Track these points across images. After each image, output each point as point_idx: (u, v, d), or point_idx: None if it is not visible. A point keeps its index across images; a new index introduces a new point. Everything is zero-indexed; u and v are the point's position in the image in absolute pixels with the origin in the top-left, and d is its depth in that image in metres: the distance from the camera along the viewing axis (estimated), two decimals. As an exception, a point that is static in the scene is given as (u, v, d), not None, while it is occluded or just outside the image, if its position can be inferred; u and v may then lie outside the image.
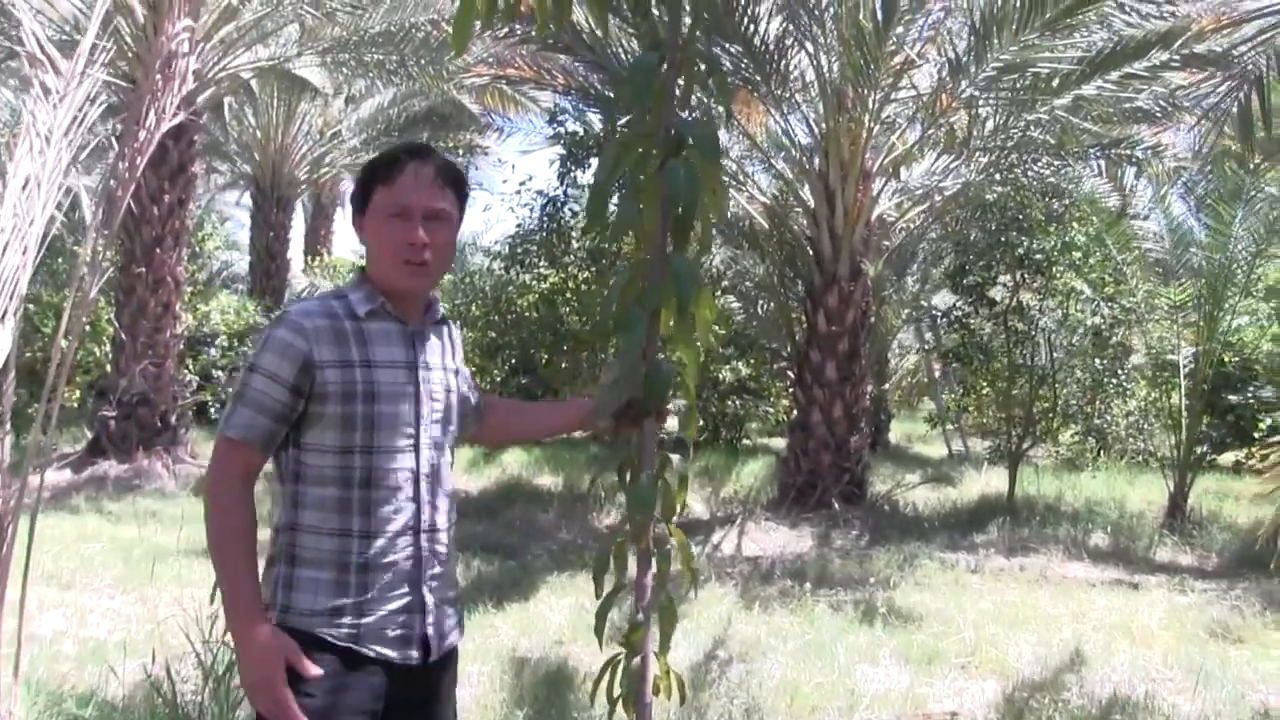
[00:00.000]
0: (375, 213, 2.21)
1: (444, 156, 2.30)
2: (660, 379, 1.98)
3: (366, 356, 2.16)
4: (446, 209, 2.22)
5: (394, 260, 2.18)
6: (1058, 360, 11.24)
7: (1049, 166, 11.16)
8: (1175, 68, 10.48)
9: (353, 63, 13.71)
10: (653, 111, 1.90)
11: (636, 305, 1.94)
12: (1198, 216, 11.04)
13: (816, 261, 10.77)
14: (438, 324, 2.36)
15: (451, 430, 2.33)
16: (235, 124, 19.48)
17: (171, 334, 12.39)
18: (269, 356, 2.11)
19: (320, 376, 2.11)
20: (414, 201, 2.17)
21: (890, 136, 10.99)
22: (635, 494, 2.05)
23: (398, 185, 2.18)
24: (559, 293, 11.63)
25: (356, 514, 2.14)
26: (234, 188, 24.43)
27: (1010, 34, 9.56)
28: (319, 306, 2.20)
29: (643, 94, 1.88)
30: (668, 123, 1.88)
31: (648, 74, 1.89)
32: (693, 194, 1.84)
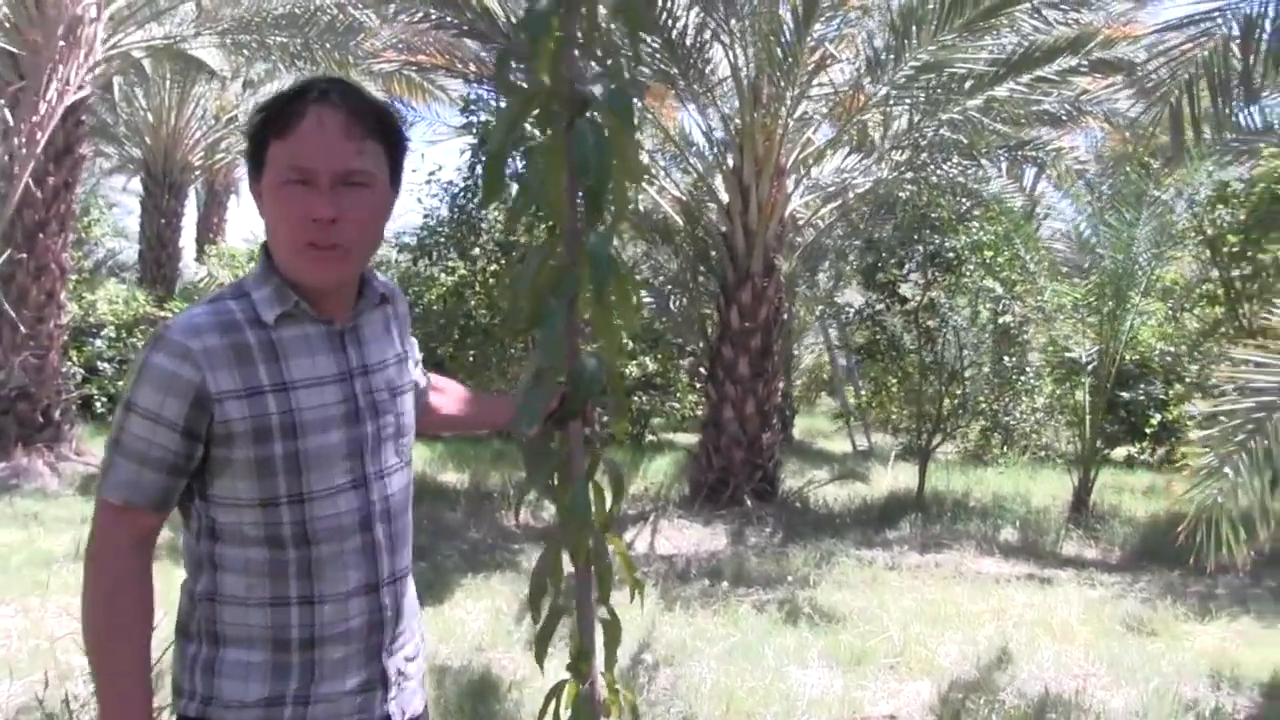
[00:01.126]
0: (272, 175, 1.65)
1: (364, 94, 1.74)
2: (587, 376, 1.66)
3: (282, 377, 1.66)
4: (366, 168, 1.66)
5: (293, 242, 1.65)
6: (967, 357, 11.37)
7: (958, 166, 11.28)
8: (1083, 72, 10.74)
9: (254, 45, 13.24)
10: (551, 64, 1.55)
11: (551, 295, 1.62)
12: (1102, 219, 11.26)
13: (730, 257, 10.71)
14: (376, 306, 1.84)
15: (407, 443, 1.85)
16: (125, 105, 18.75)
17: (55, 324, 11.78)
18: (146, 392, 1.60)
19: (221, 412, 1.61)
20: (318, 162, 1.62)
21: (805, 133, 10.99)
22: (568, 506, 1.72)
23: (296, 138, 1.62)
24: (467, 285, 11.39)
25: (294, 577, 1.67)
26: (122, 172, 23.60)
27: (929, 33, 9.66)
28: (210, 316, 1.65)
29: (539, 45, 1.53)
30: (571, 76, 1.55)
31: (543, 20, 1.53)
32: (604, 159, 1.52)
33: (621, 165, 1.56)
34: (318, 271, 1.67)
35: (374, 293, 1.82)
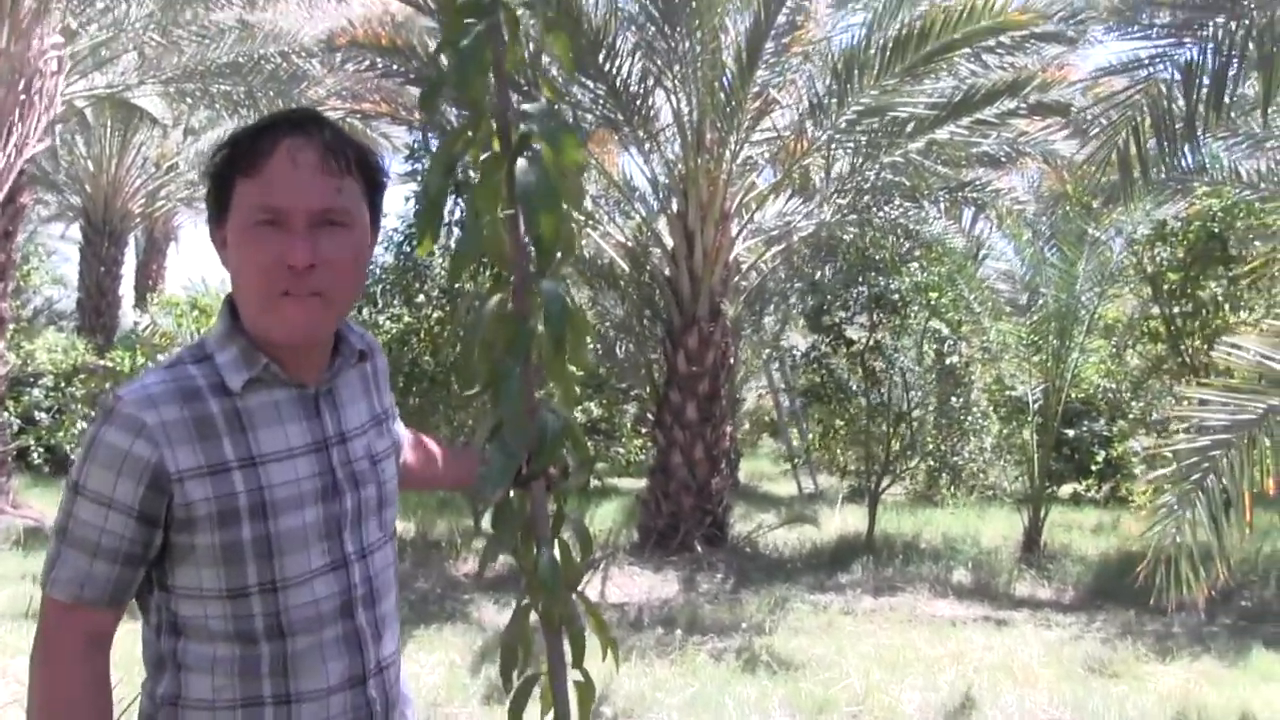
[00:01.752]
0: (238, 219, 1.47)
1: (337, 127, 1.56)
2: (550, 436, 1.52)
3: (249, 451, 1.48)
4: (345, 207, 1.49)
5: (265, 291, 1.46)
6: (913, 399, 11.42)
7: (900, 208, 11.39)
8: (1021, 115, 10.93)
9: (197, 93, 13.19)
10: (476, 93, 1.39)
11: (506, 352, 1.47)
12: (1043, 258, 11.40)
13: (676, 302, 10.72)
14: (354, 364, 1.65)
15: (391, 514, 1.67)
16: (65, 153, 18.53)
17: (-7, 373, 11.58)
18: (96, 472, 1.42)
19: (181, 494, 1.43)
20: (292, 201, 1.45)
21: (749, 177, 11.06)
22: (537, 574, 1.59)
23: (266, 176, 1.45)
24: (413, 333, 11.28)
25: (267, 675, 1.49)
26: (60, 220, 23.31)
27: (871, 78, 9.77)
28: (168, 383, 1.47)
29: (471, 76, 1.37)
30: (506, 107, 1.42)
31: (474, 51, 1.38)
32: (549, 197, 1.37)
33: (567, 198, 1.43)
34: (294, 325, 1.48)
35: (351, 349, 1.63)
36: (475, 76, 1.37)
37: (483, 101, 1.39)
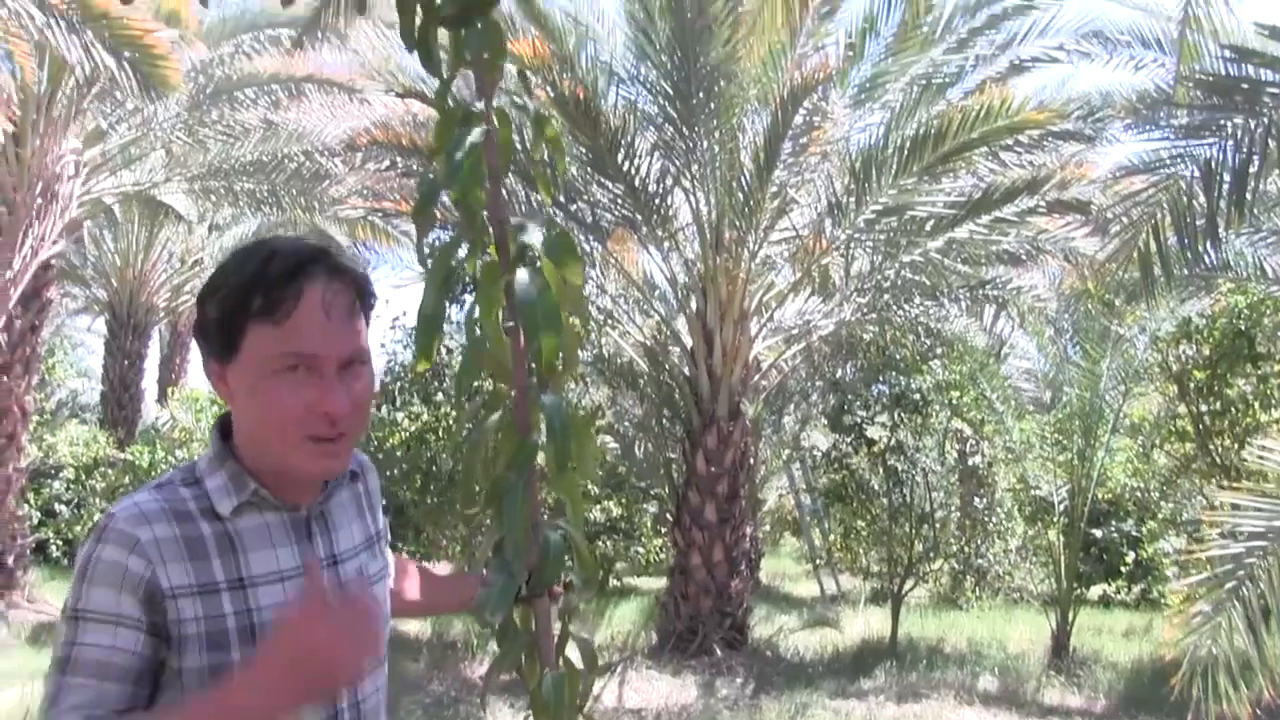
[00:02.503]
0: (255, 362, 1.44)
1: (352, 264, 1.54)
2: (553, 554, 1.47)
3: (239, 573, 1.45)
4: (366, 347, 1.50)
5: (290, 435, 1.44)
6: (936, 500, 11.25)
7: (921, 306, 11.33)
8: (1041, 213, 10.90)
9: (222, 191, 13.38)
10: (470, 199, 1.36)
11: (508, 469, 1.41)
12: (1066, 356, 11.30)
13: (695, 402, 10.64)
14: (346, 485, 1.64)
15: (384, 639, 1.60)
16: (94, 248, 18.79)
17: (14, 468, 11.61)
18: (99, 593, 1.37)
19: (174, 610, 1.39)
20: (326, 348, 1.44)
21: (768, 276, 11.05)
22: (539, 698, 1.50)
23: (295, 323, 1.42)
24: (430, 430, 11.26)
25: None
26: (87, 313, 23.55)
27: (889, 178, 9.80)
28: (159, 502, 1.44)
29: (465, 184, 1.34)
30: (502, 217, 1.38)
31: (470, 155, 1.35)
32: (549, 312, 1.34)
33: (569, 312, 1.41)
34: (324, 465, 1.47)
35: (344, 472, 1.60)
36: (471, 186, 1.33)
37: (479, 211, 1.36)
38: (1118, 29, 10.94)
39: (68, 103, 11.46)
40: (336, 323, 1.45)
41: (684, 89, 9.49)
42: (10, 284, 10.17)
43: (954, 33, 10.50)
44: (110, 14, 9.00)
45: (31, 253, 10.28)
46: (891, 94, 10.44)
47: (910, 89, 10.40)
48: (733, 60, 9.39)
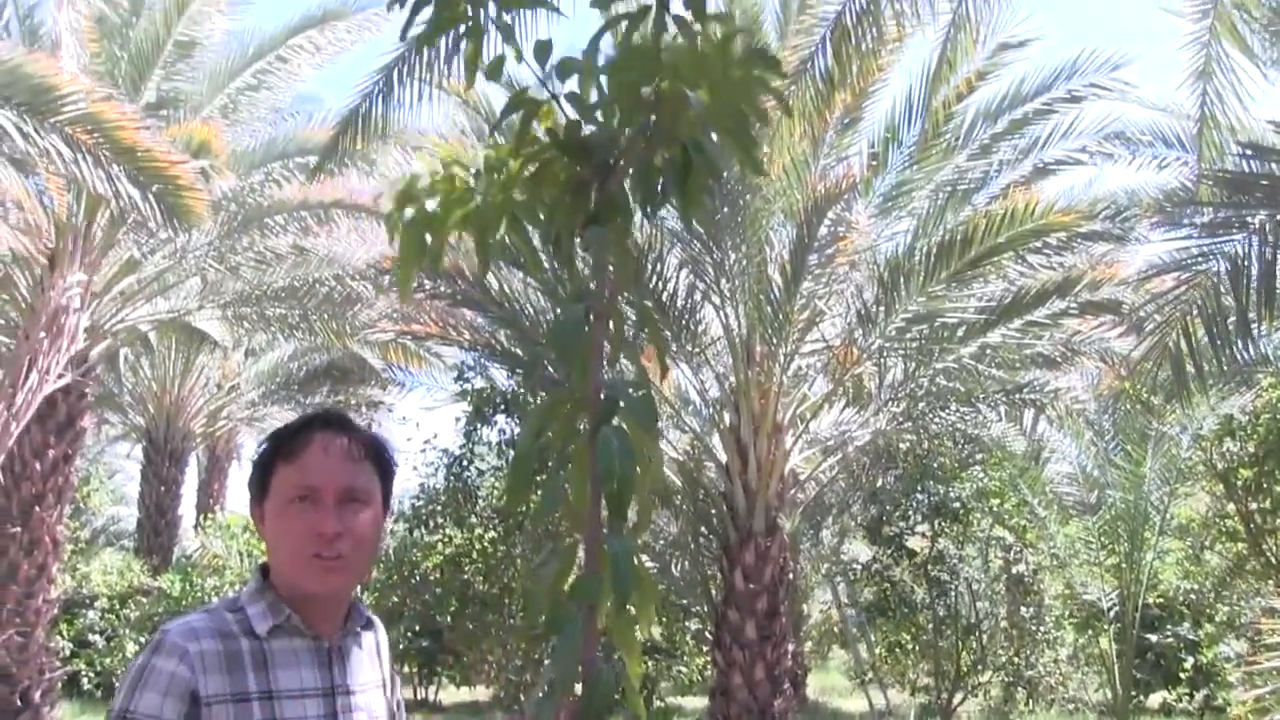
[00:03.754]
0: (277, 497, 1.78)
1: (361, 426, 1.93)
2: (602, 688, 1.54)
3: (269, 686, 1.71)
4: (365, 487, 1.82)
5: (300, 555, 1.76)
6: (982, 610, 10.97)
7: (957, 413, 11.19)
8: (1073, 314, 10.80)
9: (255, 316, 13.52)
10: (580, 372, 1.57)
11: (570, 599, 1.54)
12: (1108, 458, 11.10)
13: (731, 517, 10.48)
14: (361, 630, 1.92)
15: None
16: (130, 375, 18.99)
17: (45, 599, 11.49)
18: (148, 697, 1.62)
19: (207, 716, 1.64)
20: (324, 480, 1.77)
21: (801, 388, 10.95)
22: None
23: (303, 461, 1.78)
24: (464, 554, 11.16)
25: None
26: (125, 440, 23.72)
27: (917, 285, 9.76)
28: (208, 622, 1.74)
29: (569, 353, 1.55)
30: (597, 384, 1.55)
31: (574, 330, 1.55)
32: (628, 466, 1.48)
33: (645, 472, 1.52)
34: (322, 580, 1.76)
35: (360, 615, 1.91)
36: (573, 355, 1.51)
37: (581, 378, 1.52)
38: (1139, 129, 10.99)
39: (103, 234, 11.67)
40: (335, 461, 1.79)
41: (709, 204, 9.53)
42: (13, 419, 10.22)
43: (976, 139, 10.56)
44: (137, 147, 9.17)
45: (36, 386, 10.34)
46: (917, 201, 10.46)
47: (936, 196, 10.43)
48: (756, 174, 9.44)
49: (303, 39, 12.73)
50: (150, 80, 12.02)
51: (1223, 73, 8.46)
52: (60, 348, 10.60)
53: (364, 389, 18.39)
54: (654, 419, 1.55)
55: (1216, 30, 8.27)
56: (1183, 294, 7.96)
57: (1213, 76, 8.53)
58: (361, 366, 16.77)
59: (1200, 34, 8.50)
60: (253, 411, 18.90)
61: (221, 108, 12.78)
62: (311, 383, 17.66)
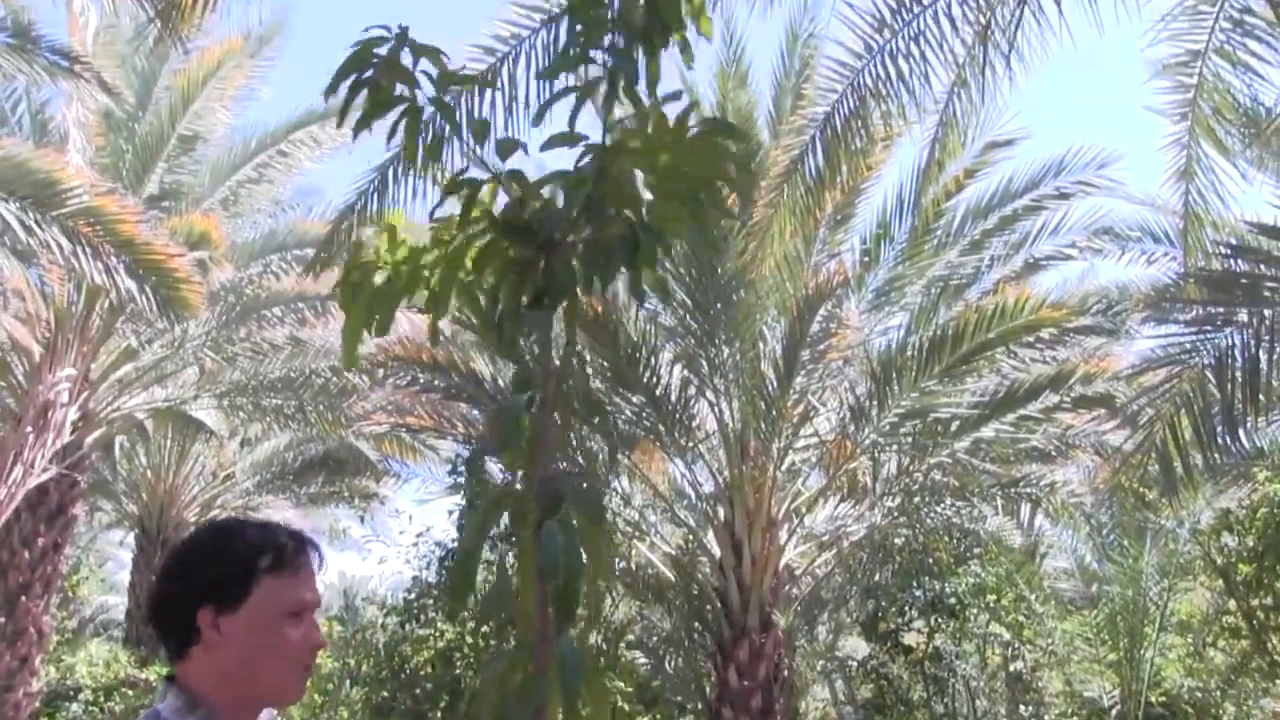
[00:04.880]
0: (264, 610, 1.74)
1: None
2: None
3: None
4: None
5: (296, 668, 1.77)
6: (980, 708, 10.82)
7: (952, 508, 11.15)
8: (1066, 409, 10.82)
9: (251, 406, 13.55)
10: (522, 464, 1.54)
11: (517, 701, 1.49)
12: (1105, 553, 11.02)
13: (725, 613, 10.41)
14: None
15: None
16: (125, 463, 18.91)
17: (25, 692, 11.34)
18: None
19: None
20: (313, 598, 1.82)
21: (795, 483, 10.94)
22: None
23: (300, 579, 1.79)
24: (456, 649, 11.01)
25: None
26: (118, 527, 23.56)
27: (910, 380, 9.81)
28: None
29: (510, 444, 1.53)
30: (542, 477, 1.54)
31: (514, 419, 1.53)
32: (574, 561, 1.47)
33: (594, 565, 1.48)
34: (302, 689, 1.81)
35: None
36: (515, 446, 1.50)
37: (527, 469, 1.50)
38: (1127, 225, 11.13)
39: (101, 323, 11.74)
40: (315, 580, 1.85)
41: (702, 300, 9.62)
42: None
43: (967, 235, 10.69)
44: (136, 240, 9.29)
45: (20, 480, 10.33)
46: (909, 296, 10.55)
47: (928, 291, 10.52)
48: (749, 270, 9.51)
49: (303, 134, 12.96)
50: (154, 173, 12.20)
51: (1203, 172, 8.58)
52: (46, 441, 10.60)
53: (359, 480, 18.31)
54: (602, 512, 1.53)
55: (1195, 132, 8.41)
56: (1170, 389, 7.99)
57: (1194, 176, 8.65)
58: (357, 458, 16.71)
59: (1180, 135, 8.64)
60: (247, 501, 18.79)
61: (222, 200, 12.96)
62: (307, 473, 17.60)
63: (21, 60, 8.89)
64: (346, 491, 17.94)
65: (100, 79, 9.51)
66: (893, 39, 7.56)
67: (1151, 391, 8.26)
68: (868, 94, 7.74)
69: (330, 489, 17.85)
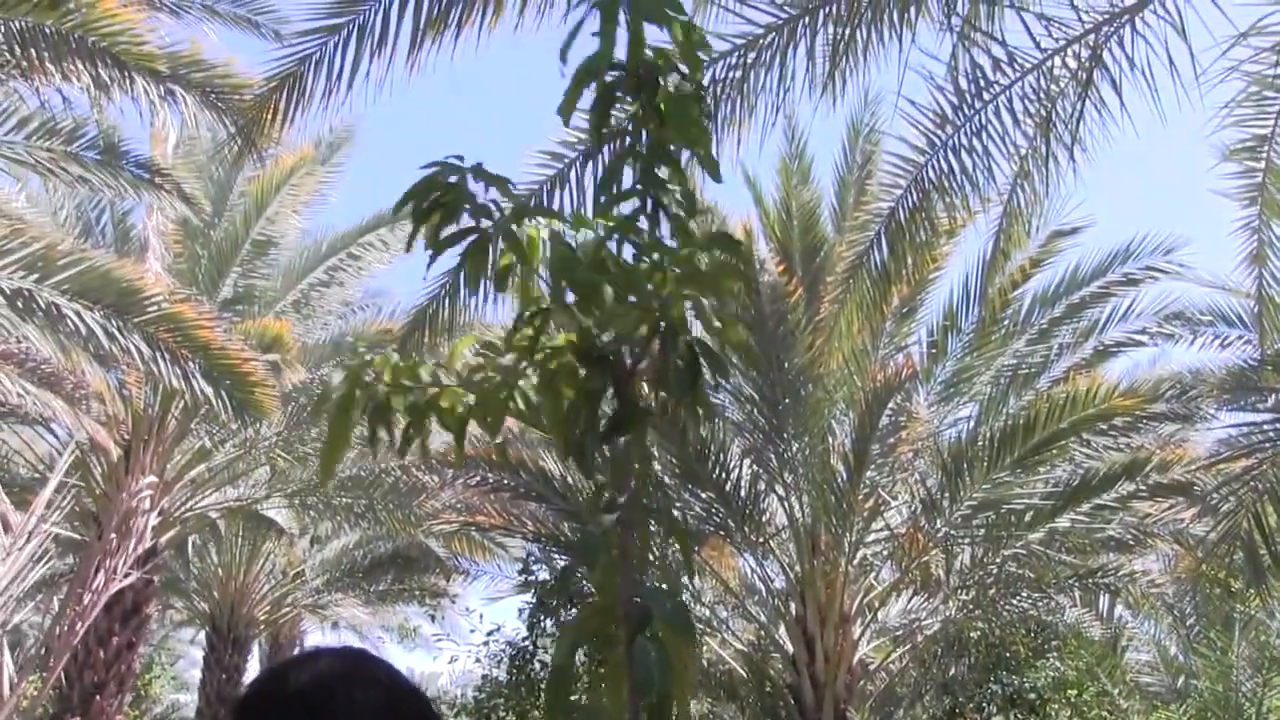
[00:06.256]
0: None
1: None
2: None
3: None
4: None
5: None
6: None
7: (1029, 600, 10.94)
8: (1143, 497, 10.60)
9: (321, 505, 13.68)
10: (609, 585, 1.61)
11: None
12: (1191, 644, 10.71)
13: (799, 710, 10.23)
14: None
15: None
16: (197, 561, 19.11)
17: (100, 789, 11.38)
18: None
19: None
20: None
21: (867, 577, 10.80)
22: None
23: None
24: (529, 751, 10.96)
25: None
26: (189, 625, 23.71)
27: (981, 472, 9.71)
28: None
29: (595, 565, 1.61)
30: (629, 594, 1.60)
31: (599, 543, 1.61)
32: (666, 677, 1.51)
33: (680, 679, 1.53)
34: None
35: None
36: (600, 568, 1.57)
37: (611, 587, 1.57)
38: (1198, 309, 10.95)
39: (176, 424, 11.98)
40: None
41: (770, 395, 9.63)
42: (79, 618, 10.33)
43: (1035, 324, 10.61)
44: (211, 345, 9.49)
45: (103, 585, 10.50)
46: (978, 387, 10.47)
47: (996, 381, 10.44)
48: (816, 365, 9.52)
49: (373, 237, 13.26)
50: (228, 277, 12.52)
51: (1276, 256, 8.46)
52: (128, 548, 10.79)
53: (428, 578, 18.34)
54: (690, 627, 1.58)
55: (1266, 215, 8.32)
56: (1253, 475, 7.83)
57: (1267, 260, 8.54)
58: (426, 555, 16.74)
59: (1250, 219, 8.54)
60: (317, 599, 18.90)
61: (294, 302, 13.24)
62: (376, 571, 17.67)
63: (109, 175, 9.24)
64: (416, 589, 17.97)
65: (179, 189, 9.84)
66: (955, 134, 7.60)
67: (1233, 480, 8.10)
68: (931, 188, 7.77)
69: (400, 586, 17.88)
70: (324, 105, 6.25)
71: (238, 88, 7.78)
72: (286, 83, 6.17)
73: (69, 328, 8.39)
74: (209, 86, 7.90)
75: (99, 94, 7.56)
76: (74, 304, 8.31)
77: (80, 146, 9.07)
